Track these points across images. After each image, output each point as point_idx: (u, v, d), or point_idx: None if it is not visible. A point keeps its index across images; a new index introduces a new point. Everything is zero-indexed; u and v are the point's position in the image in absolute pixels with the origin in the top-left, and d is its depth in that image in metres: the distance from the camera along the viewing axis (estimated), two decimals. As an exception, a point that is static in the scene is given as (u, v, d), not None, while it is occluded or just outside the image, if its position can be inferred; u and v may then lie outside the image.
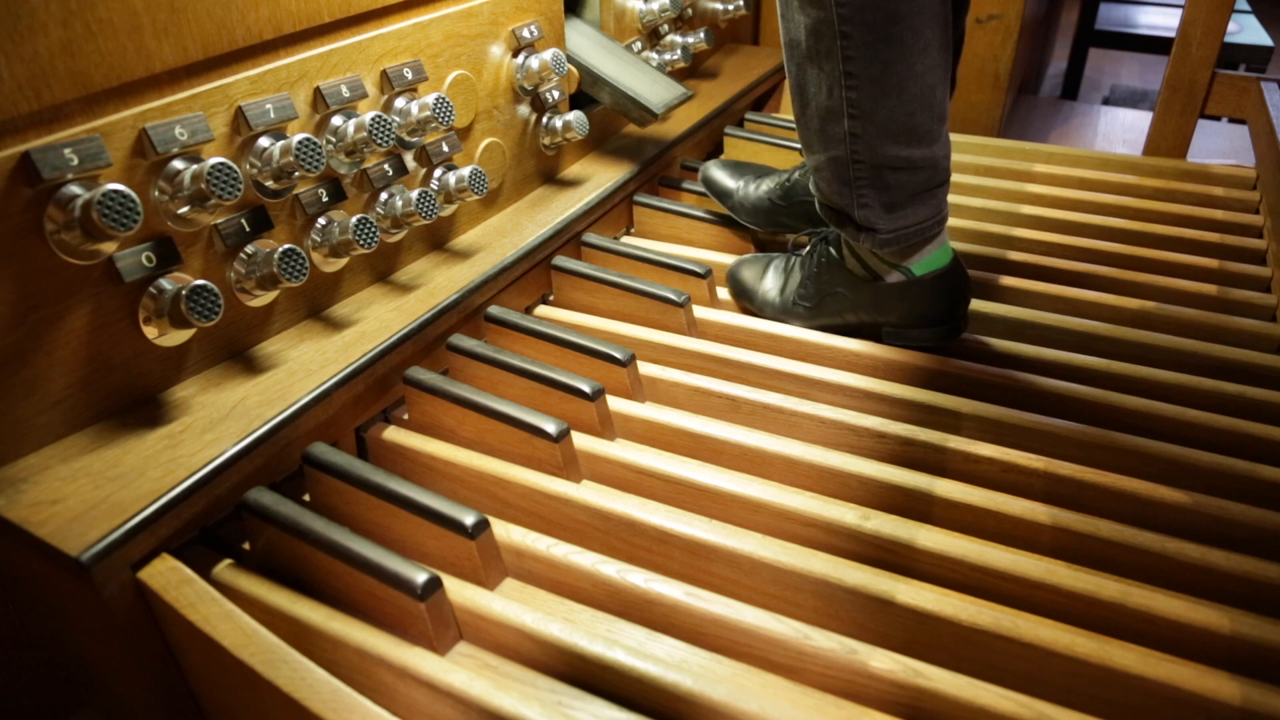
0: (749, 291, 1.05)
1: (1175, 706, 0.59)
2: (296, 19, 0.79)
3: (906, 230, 0.87)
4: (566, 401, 0.84)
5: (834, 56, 0.79)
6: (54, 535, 0.59)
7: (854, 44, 0.77)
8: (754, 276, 1.05)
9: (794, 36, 0.83)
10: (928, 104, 0.81)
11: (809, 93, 0.84)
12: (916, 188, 0.85)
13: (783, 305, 1.01)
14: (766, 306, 1.03)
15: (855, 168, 0.84)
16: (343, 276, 0.88)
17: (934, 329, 0.93)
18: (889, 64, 0.78)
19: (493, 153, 1.03)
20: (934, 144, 0.84)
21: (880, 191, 0.85)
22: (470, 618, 0.64)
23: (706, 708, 0.57)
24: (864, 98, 0.80)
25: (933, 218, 0.88)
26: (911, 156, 0.83)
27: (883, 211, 0.86)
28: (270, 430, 0.71)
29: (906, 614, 0.65)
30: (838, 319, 0.98)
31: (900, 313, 0.93)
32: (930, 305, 0.92)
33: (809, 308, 0.99)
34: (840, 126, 0.83)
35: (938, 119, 0.83)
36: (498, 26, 1.01)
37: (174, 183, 0.69)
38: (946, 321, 0.93)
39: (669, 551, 0.72)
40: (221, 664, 0.58)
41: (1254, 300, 1.06)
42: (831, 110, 0.82)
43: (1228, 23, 1.49)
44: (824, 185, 0.90)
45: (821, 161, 0.87)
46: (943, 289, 0.91)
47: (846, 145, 0.83)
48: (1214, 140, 2.28)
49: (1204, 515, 0.74)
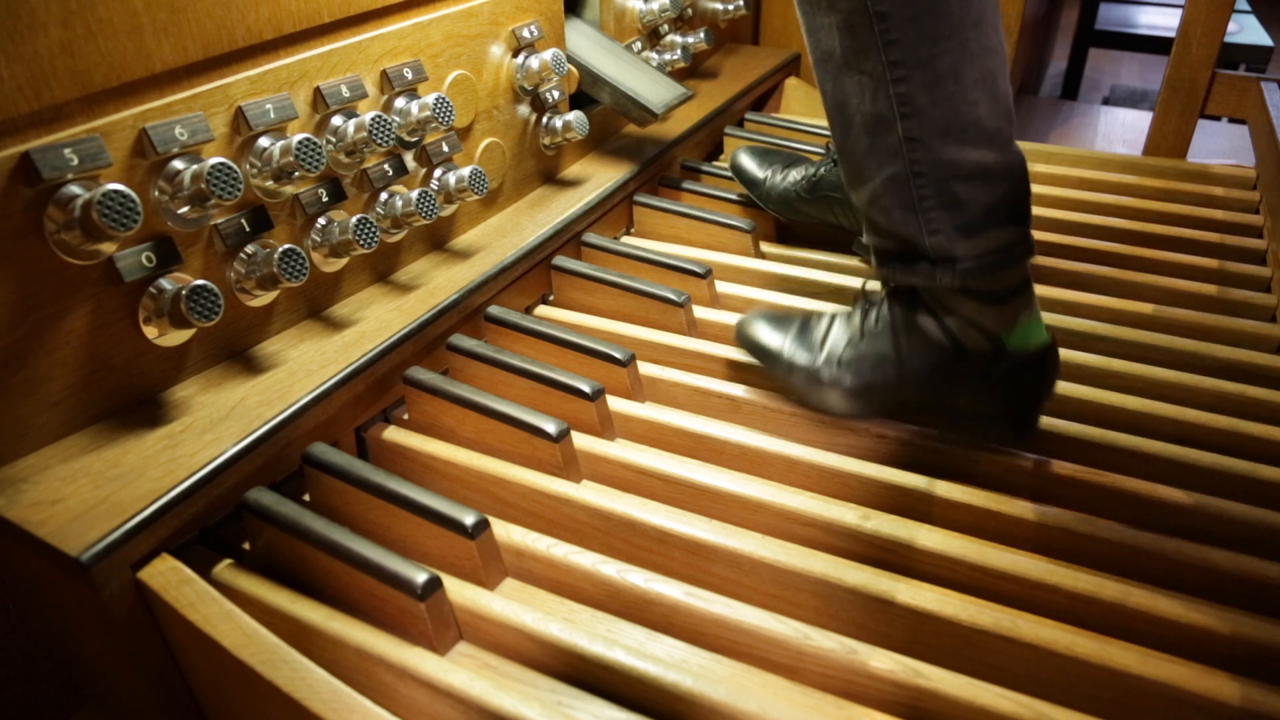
0: (769, 353, 0.86)
1: (1175, 706, 0.59)
2: (296, 19, 0.79)
3: (991, 256, 0.71)
4: (566, 401, 0.84)
5: (874, 48, 0.67)
6: (54, 535, 0.59)
7: (894, 23, 0.66)
8: (775, 335, 0.86)
9: (826, 47, 0.71)
10: (990, 92, 0.68)
11: (851, 107, 0.72)
12: (994, 203, 0.70)
13: (816, 370, 0.81)
14: (794, 372, 0.83)
15: (918, 183, 0.70)
16: (343, 276, 0.88)
17: (1005, 424, 0.77)
18: (937, 40, 0.66)
19: (493, 153, 1.03)
20: (1007, 148, 0.71)
21: (951, 210, 0.71)
22: (470, 618, 0.64)
23: (706, 708, 0.57)
24: (915, 89, 0.68)
25: (1018, 241, 0.73)
26: (983, 162, 0.69)
27: (958, 235, 0.71)
28: (270, 430, 0.71)
29: (906, 614, 0.65)
30: (891, 394, 0.78)
31: (974, 397, 0.76)
32: (1011, 393, 0.75)
33: (857, 374, 0.79)
34: (893, 134, 0.70)
35: (1005, 116, 0.70)
36: (498, 26, 1.01)
37: (174, 183, 0.69)
38: (1020, 420, 0.77)
39: (669, 551, 0.72)
40: (221, 664, 0.58)
41: (1254, 300, 1.06)
42: (879, 117, 0.70)
43: (1228, 23, 1.49)
44: (883, 219, 0.74)
45: (877, 188, 0.73)
46: (1032, 374, 0.76)
47: (904, 156, 0.70)
48: (1214, 140, 2.28)
49: (1204, 515, 0.74)
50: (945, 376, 0.76)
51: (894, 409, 0.80)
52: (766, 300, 1.04)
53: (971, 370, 0.75)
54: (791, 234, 1.24)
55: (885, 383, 0.78)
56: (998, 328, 0.74)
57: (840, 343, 0.81)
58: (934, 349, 0.75)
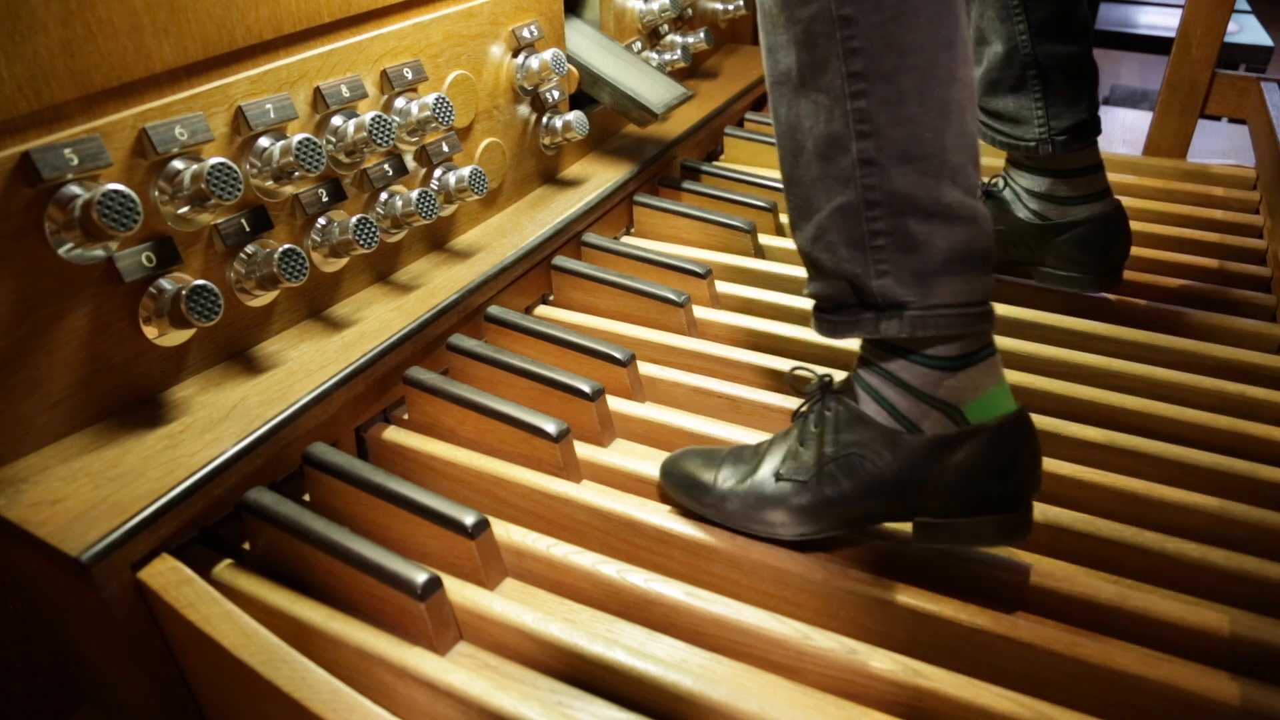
0: (699, 485, 0.73)
1: (1175, 706, 0.59)
2: (296, 19, 0.79)
3: (945, 311, 0.62)
4: (566, 401, 0.84)
5: (834, 58, 0.60)
6: (54, 535, 0.59)
7: (859, 28, 0.59)
8: (701, 467, 0.74)
9: (783, 67, 0.64)
10: (958, 125, 0.61)
11: (803, 130, 0.63)
12: (954, 250, 0.61)
13: (756, 489, 0.70)
14: (728, 499, 0.71)
15: (870, 214, 0.61)
16: (343, 276, 0.88)
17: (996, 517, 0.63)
18: (904, 54, 0.59)
19: (493, 153, 1.03)
20: (971, 193, 0.62)
21: (905, 251, 0.61)
22: (470, 618, 0.64)
23: (706, 708, 0.57)
24: (875, 105, 0.60)
25: (978, 302, 0.63)
26: (943, 199, 0.61)
27: (911, 280, 0.62)
28: (270, 430, 0.71)
29: (906, 614, 0.65)
30: (847, 501, 0.66)
31: (942, 484, 0.63)
32: (987, 473, 0.63)
33: (801, 483, 0.68)
34: (847, 155, 0.61)
35: (971, 157, 0.62)
36: (498, 26, 1.01)
37: (174, 183, 0.69)
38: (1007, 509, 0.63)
39: (669, 551, 0.72)
40: (221, 664, 0.58)
41: (1254, 300, 1.06)
42: (834, 138, 0.62)
43: (1228, 23, 1.49)
44: (827, 257, 0.64)
45: (824, 221, 0.64)
46: (1004, 448, 0.63)
47: (857, 182, 0.61)
48: (1214, 140, 2.28)
49: (1204, 515, 0.74)
50: (913, 470, 0.64)
51: (852, 521, 0.68)
52: (766, 300, 1.04)
53: (931, 455, 0.63)
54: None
55: (835, 488, 0.67)
56: (954, 398, 0.63)
57: (778, 456, 0.70)
58: (885, 436, 0.65)
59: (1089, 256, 0.99)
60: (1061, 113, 0.96)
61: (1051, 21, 0.94)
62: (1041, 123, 0.97)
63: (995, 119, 1.00)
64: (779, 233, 1.23)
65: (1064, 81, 0.96)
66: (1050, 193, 0.99)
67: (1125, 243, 0.99)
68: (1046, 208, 0.99)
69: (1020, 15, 0.95)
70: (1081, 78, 0.96)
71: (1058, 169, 0.98)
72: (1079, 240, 0.98)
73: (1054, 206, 0.99)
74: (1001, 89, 0.98)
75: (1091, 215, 0.97)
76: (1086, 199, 0.98)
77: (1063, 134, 0.96)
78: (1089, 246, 0.98)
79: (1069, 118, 0.96)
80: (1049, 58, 0.95)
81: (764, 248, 1.17)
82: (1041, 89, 0.96)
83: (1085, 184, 0.98)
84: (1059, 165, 0.98)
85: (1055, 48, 0.95)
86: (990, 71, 0.99)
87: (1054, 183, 0.99)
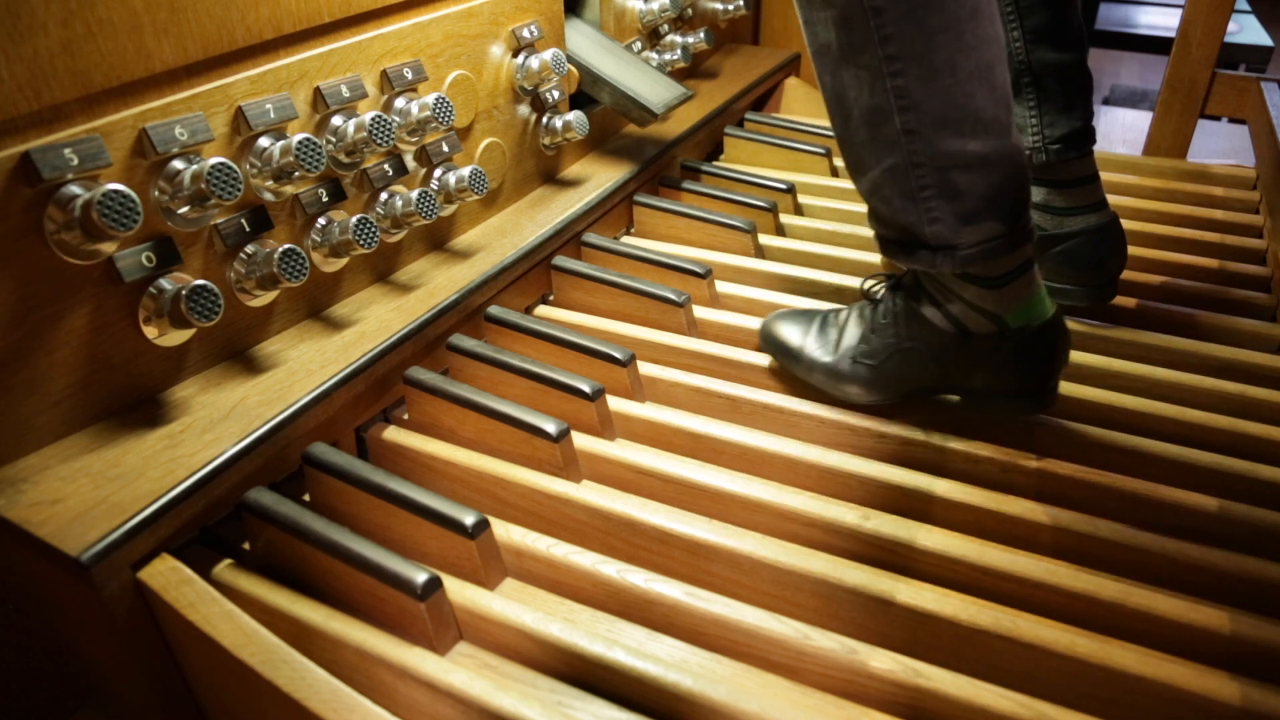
0: (792, 351, 0.90)
1: (1175, 706, 0.59)
2: (296, 19, 0.79)
3: (990, 244, 0.73)
4: (566, 401, 0.84)
5: (870, 42, 0.68)
6: (54, 535, 0.59)
7: (889, 17, 0.66)
8: (796, 333, 0.90)
9: (822, 40, 0.72)
10: (988, 83, 0.69)
11: (849, 99, 0.72)
12: (993, 191, 0.72)
13: (834, 365, 0.86)
14: (815, 369, 0.88)
15: (916, 173, 0.72)
16: (343, 276, 0.88)
17: (1022, 400, 0.79)
18: (933, 34, 0.67)
19: (493, 153, 1.03)
20: (1004, 136, 0.72)
21: (950, 199, 0.72)
22: (470, 618, 0.64)
23: (706, 708, 0.57)
24: (912, 83, 0.68)
25: (1018, 227, 0.74)
26: (980, 151, 0.71)
27: (957, 223, 0.73)
28: (270, 430, 0.71)
29: (906, 614, 0.65)
30: (905, 384, 0.83)
31: (987, 375, 0.78)
32: (1023, 368, 0.77)
33: (872, 367, 0.83)
34: (891, 125, 0.70)
35: (1002, 104, 0.71)
36: (498, 26, 1.01)
37: (174, 183, 0.69)
38: (1037, 393, 0.79)
39: (669, 551, 0.72)
40: (221, 664, 0.58)
41: (1254, 300, 1.06)
42: (878, 110, 0.70)
43: (1228, 23, 1.49)
44: (884, 208, 0.76)
45: (877, 178, 0.74)
46: (1041, 349, 0.77)
47: (902, 147, 0.71)
48: (1214, 140, 2.28)
49: (1204, 515, 0.74)
50: (955, 360, 0.80)
51: (912, 394, 0.85)
52: (766, 300, 1.04)
53: (978, 351, 0.78)
54: (791, 232, 1.24)
55: (898, 372, 0.83)
56: (999, 309, 0.76)
57: (854, 338, 0.86)
58: (939, 335, 0.79)
59: (1084, 269, 0.98)
60: (1055, 121, 0.96)
61: (1047, 28, 0.94)
62: (1036, 131, 0.96)
63: None
64: (779, 233, 1.23)
65: (1058, 89, 0.95)
66: (1045, 203, 0.99)
67: (1121, 256, 0.98)
68: (1041, 218, 0.99)
69: (1015, 21, 0.94)
70: (1076, 86, 0.96)
71: (1053, 179, 0.98)
72: (1074, 252, 0.97)
73: (1049, 217, 0.98)
74: None
75: (1088, 227, 0.96)
76: (1082, 210, 0.97)
77: (1057, 143, 0.95)
78: (1084, 259, 0.97)
79: (1063, 126, 0.95)
80: (1043, 65, 0.95)
81: (764, 248, 1.18)
82: (1036, 97, 0.96)
83: (1081, 195, 0.97)
84: (1054, 175, 0.97)
85: (1050, 55, 0.94)
86: None
87: (1049, 193, 0.98)
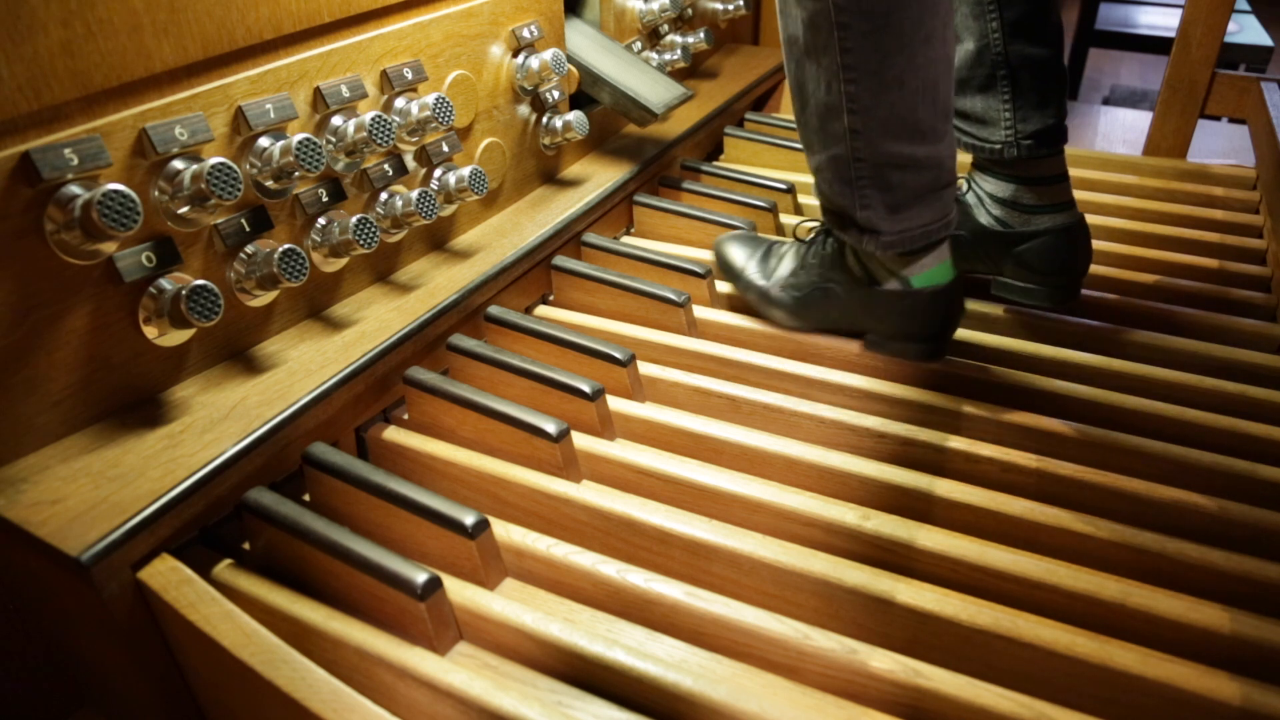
0: (734, 270, 1.03)
1: (1175, 706, 0.59)
2: (296, 19, 0.79)
3: (911, 232, 0.84)
4: (566, 401, 0.84)
5: (831, 49, 0.76)
6: (54, 535, 0.59)
7: (852, 34, 0.75)
8: (741, 255, 1.03)
9: (792, 32, 0.81)
10: (930, 99, 0.78)
11: (808, 90, 0.82)
12: (921, 188, 0.82)
13: (766, 290, 0.99)
14: (750, 289, 1.01)
15: (856, 166, 0.82)
16: (343, 276, 0.88)
17: (917, 345, 0.90)
18: (888, 54, 0.75)
19: (493, 153, 1.03)
20: (939, 142, 0.81)
21: (883, 192, 0.82)
22: (470, 618, 0.64)
23: (706, 708, 0.57)
24: (863, 91, 0.77)
25: (938, 220, 0.84)
26: (915, 154, 0.80)
27: (886, 213, 0.83)
28: (270, 430, 0.71)
29: (906, 614, 0.65)
30: (822, 316, 0.95)
31: (889, 324, 0.90)
32: (921, 321, 0.88)
33: (796, 298, 0.96)
34: (840, 123, 0.80)
35: (942, 116, 0.80)
36: (498, 26, 1.01)
37: (174, 183, 0.69)
38: (932, 341, 0.89)
39: (669, 551, 0.72)
40: (221, 664, 0.58)
41: (1254, 300, 1.06)
42: (830, 107, 0.80)
43: (1228, 23, 1.49)
44: (825, 186, 0.87)
45: (822, 161, 0.85)
46: (937, 307, 0.88)
47: (847, 143, 0.81)
48: (1214, 140, 2.28)
49: (1204, 515, 0.74)
50: (865, 304, 0.91)
51: (828, 327, 0.97)
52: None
53: (886, 299, 0.89)
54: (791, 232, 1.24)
55: (818, 306, 0.95)
56: (908, 272, 0.88)
57: (786, 270, 0.98)
58: (855, 281, 0.91)
59: (1049, 269, 0.98)
60: (1029, 116, 0.96)
61: (1024, 22, 0.94)
62: (1009, 125, 0.96)
63: (962, 119, 1.00)
64: (779, 232, 1.23)
65: (1033, 84, 0.95)
66: (1014, 199, 0.98)
67: (1086, 257, 0.98)
68: (1009, 215, 0.99)
69: (994, 13, 0.95)
70: (1050, 82, 0.96)
71: (1023, 175, 0.97)
72: (1040, 251, 0.97)
73: (1017, 214, 0.98)
74: (970, 88, 0.98)
75: (1055, 225, 0.96)
76: (1050, 209, 0.97)
77: (1029, 138, 0.95)
78: (1050, 258, 0.97)
79: (1036, 122, 0.95)
80: (1019, 58, 0.95)
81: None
82: (1010, 90, 0.96)
83: (1050, 193, 0.97)
84: (1024, 171, 0.97)
85: (1026, 49, 0.95)
86: (960, 70, 0.98)
87: (1018, 189, 0.98)
